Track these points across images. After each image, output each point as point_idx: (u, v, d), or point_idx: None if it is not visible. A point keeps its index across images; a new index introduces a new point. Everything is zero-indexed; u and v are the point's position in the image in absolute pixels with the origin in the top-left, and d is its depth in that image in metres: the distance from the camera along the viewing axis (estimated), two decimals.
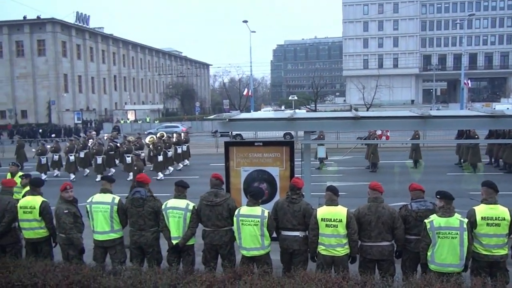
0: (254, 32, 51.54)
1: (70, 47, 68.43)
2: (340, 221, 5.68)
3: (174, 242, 6.22)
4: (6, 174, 10.08)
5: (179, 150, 20.16)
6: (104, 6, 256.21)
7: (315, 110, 48.86)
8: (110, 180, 6.78)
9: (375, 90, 50.54)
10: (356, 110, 30.15)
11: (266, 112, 26.20)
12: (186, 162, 21.27)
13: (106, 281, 5.25)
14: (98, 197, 6.54)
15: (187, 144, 21.18)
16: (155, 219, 6.40)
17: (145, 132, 40.97)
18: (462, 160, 18.43)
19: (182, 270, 5.62)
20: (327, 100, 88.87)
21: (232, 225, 6.16)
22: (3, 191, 7.02)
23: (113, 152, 19.42)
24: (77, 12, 69.82)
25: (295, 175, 7.13)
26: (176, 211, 6.21)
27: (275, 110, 44.67)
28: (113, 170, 19.20)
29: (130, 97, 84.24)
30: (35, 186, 6.88)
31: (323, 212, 5.78)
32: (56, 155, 19.33)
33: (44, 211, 6.61)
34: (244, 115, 9.35)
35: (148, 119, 57.94)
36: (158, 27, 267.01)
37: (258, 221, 5.85)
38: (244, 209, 5.98)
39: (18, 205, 6.73)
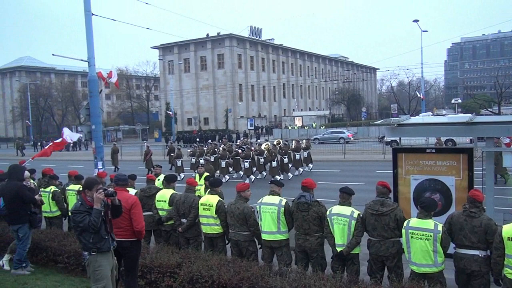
0: (426, 31, 48.21)
1: (245, 59, 74.32)
2: None
3: (338, 249, 6.14)
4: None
5: (298, 157, 20.73)
6: (275, 18, 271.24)
7: (498, 113, 43.33)
8: (278, 184, 7.06)
9: None
10: None
11: (439, 117, 24.18)
12: (310, 166, 21.91)
13: (272, 280, 5.48)
14: (267, 198, 6.85)
15: (308, 151, 21.68)
16: (319, 224, 6.42)
17: (312, 138, 42.09)
18: None
19: (346, 279, 5.52)
20: None
21: (400, 236, 5.80)
22: (187, 190, 7.92)
23: (238, 157, 20.60)
24: (251, 26, 75.45)
25: (474, 186, 6.37)
26: (341, 218, 6.12)
27: (435, 115, 40.63)
28: (241, 173, 20.46)
29: (298, 103, 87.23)
30: (213, 186, 7.60)
31: (510, 230, 5.02)
32: (193, 158, 21.89)
33: (219, 209, 7.23)
34: (414, 120, 8.75)
35: (314, 125, 59.07)
36: (326, 34, 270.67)
37: (431, 236, 5.37)
38: (414, 221, 5.56)
39: (199, 202, 7.51)
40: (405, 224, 5.66)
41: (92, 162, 14.03)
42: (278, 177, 18.58)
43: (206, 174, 11.26)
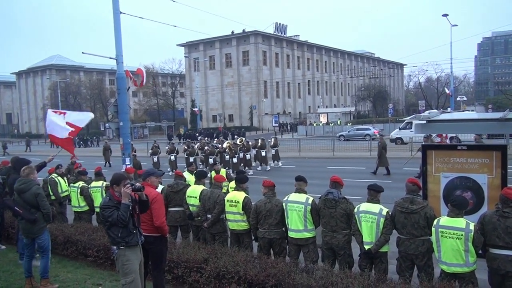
0: (456, 25, 46.98)
1: (270, 55, 74.23)
2: None
3: (366, 247, 6.05)
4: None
5: (263, 153, 22.80)
6: (301, 14, 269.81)
7: None
8: (304, 180, 6.99)
9: None
10: None
11: (468, 113, 23.78)
12: (279, 164, 23.54)
13: (299, 277, 5.45)
14: (294, 196, 6.79)
15: (276, 148, 23.54)
16: (347, 222, 6.34)
17: (337, 134, 41.73)
18: None
19: (374, 277, 5.44)
20: None
21: (430, 235, 5.67)
22: (214, 186, 7.95)
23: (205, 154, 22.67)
24: (276, 23, 75.27)
25: (508, 185, 6.16)
26: (369, 215, 6.03)
27: (441, 112, 39.42)
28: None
29: (323, 100, 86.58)
30: (240, 182, 7.59)
31: None
32: (172, 155, 23.13)
33: (246, 206, 7.22)
34: (445, 116, 8.54)
35: (339, 122, 58.54)
36: (352, 30, 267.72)
37: (462, 235, 5.23)
38: (445, 220, 5.42)
39: (226, 198, 7.53)
40: (435, 222, 5.53)
41: (120, 158, 14.21)
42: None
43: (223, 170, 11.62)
